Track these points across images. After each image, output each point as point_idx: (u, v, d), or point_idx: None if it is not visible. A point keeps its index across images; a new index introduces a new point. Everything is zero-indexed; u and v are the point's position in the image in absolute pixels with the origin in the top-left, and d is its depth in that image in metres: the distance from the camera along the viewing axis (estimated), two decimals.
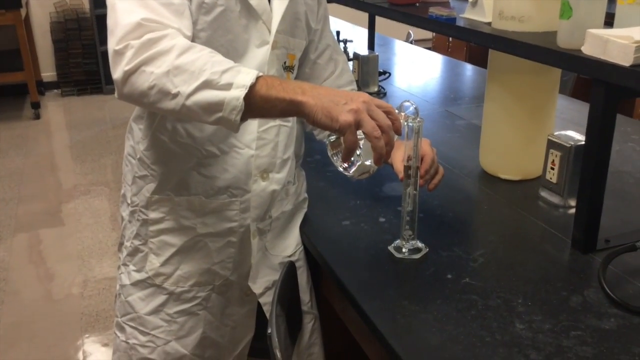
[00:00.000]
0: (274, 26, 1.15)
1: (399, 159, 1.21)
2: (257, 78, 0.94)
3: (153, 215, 1.22)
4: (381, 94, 2.28)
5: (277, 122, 1.20)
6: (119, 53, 0.96)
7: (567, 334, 0.97)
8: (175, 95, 0.94)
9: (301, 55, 1.29)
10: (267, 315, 1.24)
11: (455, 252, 1.20)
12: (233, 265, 1.25)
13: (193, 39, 1.06)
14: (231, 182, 1.18)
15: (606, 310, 1.02)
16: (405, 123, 1.08)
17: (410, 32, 3.82)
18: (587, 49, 1.09)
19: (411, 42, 3.59)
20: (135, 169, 1.22)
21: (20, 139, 4.58)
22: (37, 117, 5.00)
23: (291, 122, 1.25)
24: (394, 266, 1.17)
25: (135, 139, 1.22)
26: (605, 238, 1.21)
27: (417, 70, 2.77)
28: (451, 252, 1.20)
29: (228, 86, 0.93)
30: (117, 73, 0.97)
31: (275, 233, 1.29)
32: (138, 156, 1.21)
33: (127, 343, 1.28)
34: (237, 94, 0.92)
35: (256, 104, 0.94)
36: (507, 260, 1.18)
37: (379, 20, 2.49)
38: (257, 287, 1.27)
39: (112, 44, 0.98)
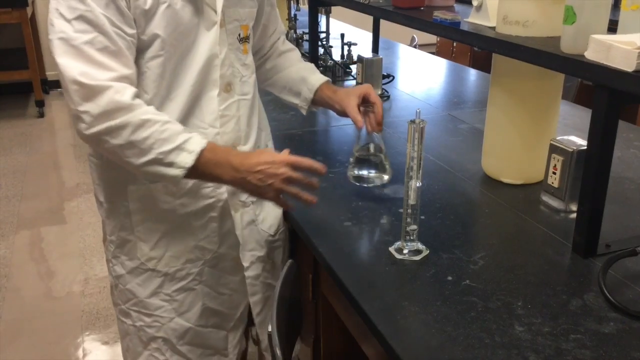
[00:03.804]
0: (219, 6, 1.19)
1: (352, 104, 1.36)
2: (200, 153, 1.10)
3: (133, 205, 1.27)
4: (384, 97, 2.29)
5: (236, 97, 1.27)
6: (76, 116, 1.08)
7: (566, 337, 0.97)
8: (128, 163, 1.11)
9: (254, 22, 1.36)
10: (249, 289, 1.37)
11: (456, 254, 1.21)
12: (219, 238, 1.32)
13: (150, 44, 1.14)
14: None
15: (606, 314, 1.03)
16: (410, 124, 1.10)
17: (415, 36, 3.83)
18: (590, 55, 1.10)
19: (415, 47, 3.59)
20: (105, 167, 1.27)
21: (23, 137, 4.59)
22: (41, 115, 5.01)
23: (251, 94, 1.32)
24: (394, 267, 1.17)
25: None
26: (605, 243, 1.21)
27: (421, 74, 2.77)
28: (452, 254, 1.21)
29: (170, 164, 1.09)
30: (79, 132, 1.10)
31: (259, 206, 1.36)
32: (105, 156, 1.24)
33: (135, 326, 1.35)
34: (177, 173, 1.10)
35: (195, 177, 1.15)
36: (507, 263, 1.18)
37: (383, 24, 2.50)
38: (245, 259, 1.35)
39: (69, 103, 1.08)
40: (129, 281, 1.32)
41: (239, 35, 1.27)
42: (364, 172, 1.45)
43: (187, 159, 1.09)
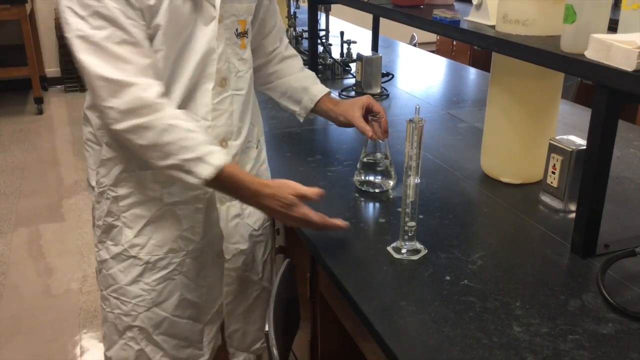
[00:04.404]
0: (217, 1, 1.20)
1: (357, 115, 1.42)
2: (220, 169, 1.12)
3: (122, 191, 1.28)
4: (384, 95, 2.28)
5: (230, 91, 1.28)
6: (104, 112, 1.11)
7: (564, 337, 0.97)
8: (151, 162, 1.14)
9: (253, 17, 1.36)
10: (225, 278, 1.39)
11: (454, 254, 1.20)
12: (203, 230, 1.33)
13: (153, 38, 1.15)
14: None
15: (604, 315, 1.02)
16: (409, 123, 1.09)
17: (414, 34, 3.82)
18: (591, 54, 1.09)
19: (415, 45, 3.59)
20: (104, 152, 1.27)
21: (22, 134, 4.58)
22: (40, 112, 5.00)
23: (245, 90, 1.33)
24: (392, 267, 1.17)
25: (95, 126, 1.27)
26: (604, 243, 1.21)
27: (420, 72, 2.77)
28: (450, 254, 1.20)
29: (190, 172, 1.12)
30: (109, 126, 1.13)
31: None
32: (105, 140, 1.26)
33: (113, 313, 1.35)
34: (195, 182, 1.12)
35: (216, 189, 1.19)
36: (506, 263, 1.18)
37: (383, 22, 2.49)
38: (228, 252, 1.37)
39: (95, 99, 1.12)
40: (111, 266, 1.32)
41: (237, 30, 1.28)
42: (371, 178, 1.47)
43: (206, 171, 1.11)
